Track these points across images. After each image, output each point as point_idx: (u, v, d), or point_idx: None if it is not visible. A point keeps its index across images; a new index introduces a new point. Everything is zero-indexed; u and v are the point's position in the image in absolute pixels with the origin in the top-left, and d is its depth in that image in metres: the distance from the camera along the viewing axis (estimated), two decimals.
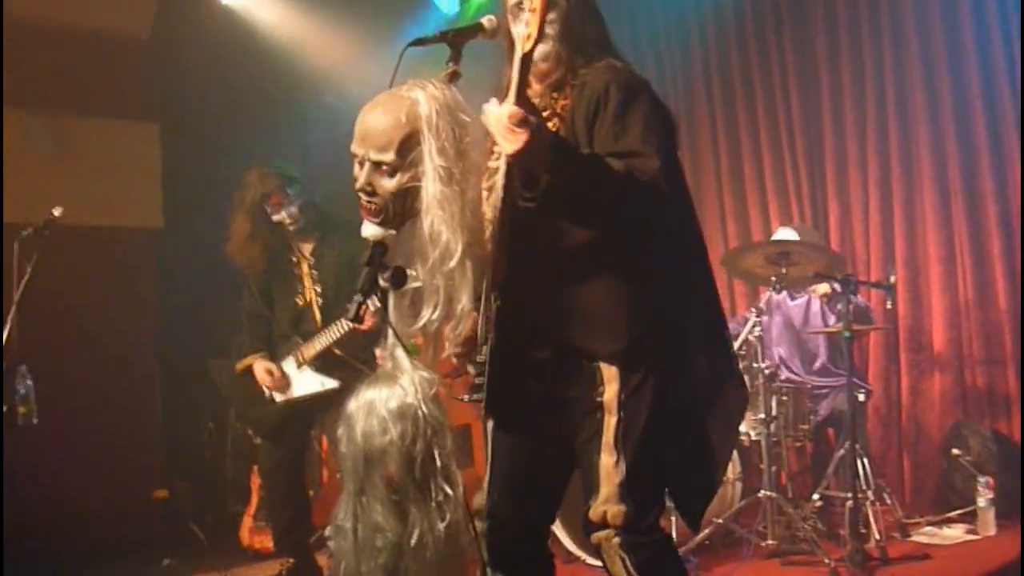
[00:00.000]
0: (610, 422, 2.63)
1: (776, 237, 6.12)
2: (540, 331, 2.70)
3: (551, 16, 2.61)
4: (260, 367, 5.09)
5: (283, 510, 5.19)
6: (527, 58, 2.34)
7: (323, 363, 5.01)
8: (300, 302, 5.13)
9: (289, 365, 5.09)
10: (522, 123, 2.28)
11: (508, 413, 2.77)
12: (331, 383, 4.94)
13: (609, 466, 2.62)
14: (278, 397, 5.08)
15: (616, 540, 2.62)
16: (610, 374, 2.64)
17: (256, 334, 5.22)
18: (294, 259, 5.16)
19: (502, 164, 2.55)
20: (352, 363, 4.85)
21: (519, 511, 2.82)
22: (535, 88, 2.72)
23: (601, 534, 2.65)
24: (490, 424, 2.82)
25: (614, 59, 2.76)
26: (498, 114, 2.31)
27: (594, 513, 2.65)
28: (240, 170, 5.23)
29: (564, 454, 2.81)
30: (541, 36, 2.33)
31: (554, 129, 2.59)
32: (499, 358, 2.62)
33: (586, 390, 2.67)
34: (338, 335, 4.92)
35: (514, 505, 2.80)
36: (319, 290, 5.11)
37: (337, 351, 4.95)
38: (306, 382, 5.04)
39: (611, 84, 2.61)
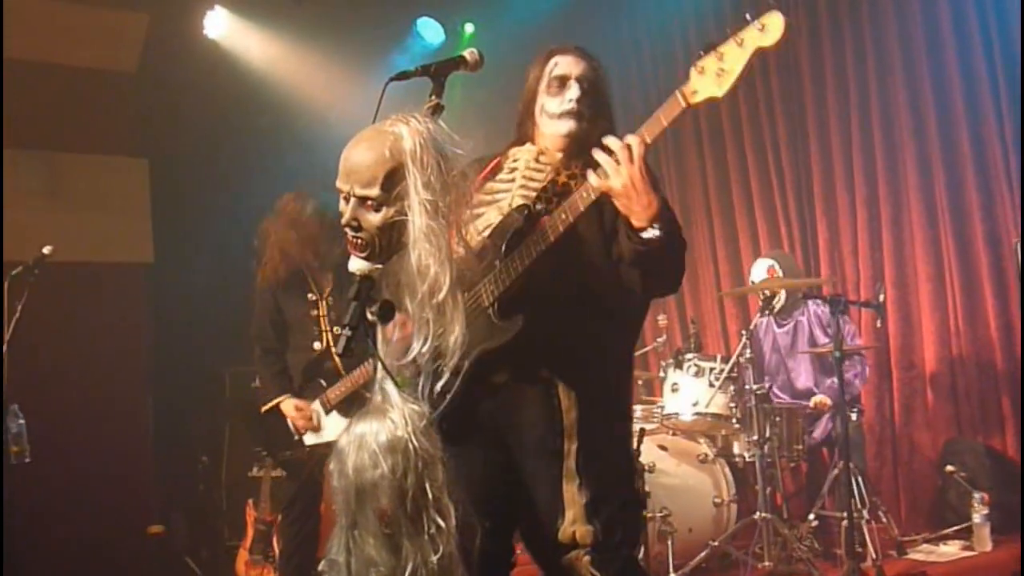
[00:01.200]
0: (571, 448, 2.75)
1: (754, 270, 6.19)
2: (505, 356, 2.79)
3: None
4: (289, 405, 5.01)
5: (295, 536, 5.18)
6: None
7: (346, 404, 4.93)
8: (318, 347, 5.08)
9: (316, 409, 5.03)
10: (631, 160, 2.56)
11: (460, 434, 2.82)
12: None
13: (573, 490, 2.73)
14: (309, 440, 5.03)
15: (587, 559, 2.72)
16: (568, 402, 2.77)
17: (274, 371, 5.13)
18: (312, 297, 5.12)
19: (492, 211, 2.84)
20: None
21: (474, 537, 2.86)
22: (556, 157, 2.95)
23: (572, 555, 2.73)
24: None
25: None
26: (623, 148, 2.57)
27: (563, 535, 2.73)
28: (228, 202, 5.20)
29: (514, 476, 2.90)
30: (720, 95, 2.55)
31: (574, 182, 2.81)
32: (460, 379, 2.77)
33: (544, 417, 2.78)
34: (363, 380, 4.85)
35: (468, 531, 2.84)
36: (337, 333, 5.05)
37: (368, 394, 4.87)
38: (335, 427, 4.96)
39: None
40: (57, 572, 5.98)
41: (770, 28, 2.50)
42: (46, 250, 4.77)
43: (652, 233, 2.60)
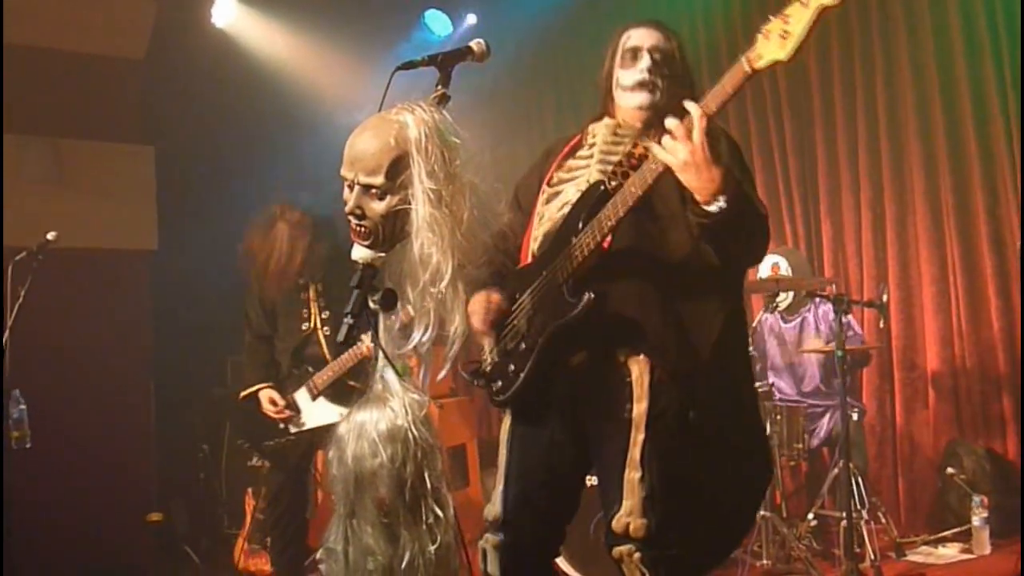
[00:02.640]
0: (637, 438, 2.72)
1: (759, 266, 6.17)
2: (580, 335, 2.77)
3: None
4: (265, 396, 5.06)
5: (284, 531, 5.19)
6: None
7: (334, 391, 4.97)
8: (306, 328, 5.11)
9: (303, 396, 5.05)
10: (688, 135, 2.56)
11: (531, 413, 2.87)
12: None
13: (634, 480, 2.70)
14: (293, 428, 5.05)
15: (637, 556, 2.68)
16: (641, 391, 2.73)
17: (260, 360, 5.19)
18: (302, 282, 5.14)
19: (570, 188, 2.89)
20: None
21: (532, 519, 2.87)
22: (634, 129, 2.97)
23: (623, 548, 2.71)
24: (507, 424, 2.89)
25: None
26: (686, 124, 2.56)
27: (617, 524, 2.71)
28: (234, 191, 5.23)
29: (579, 460, 2.92)
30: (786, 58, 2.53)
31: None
32: (532, 363, 2.78)
33: (616, 402, 2.76)
34: (350, 364, 4.89)
35: (528, 513, 2.86)
36: (326, 316, 5.08)
37: (352, 383, 4.92)
38: (322, 412, 4.98)
39: (723, 135, 2.86)
40: (56, 558, 5.98)
41: None
42: (50, 236, 4.78)
43: (716, 206, 2.57)
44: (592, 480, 3.12)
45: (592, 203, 2.80)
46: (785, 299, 6.05)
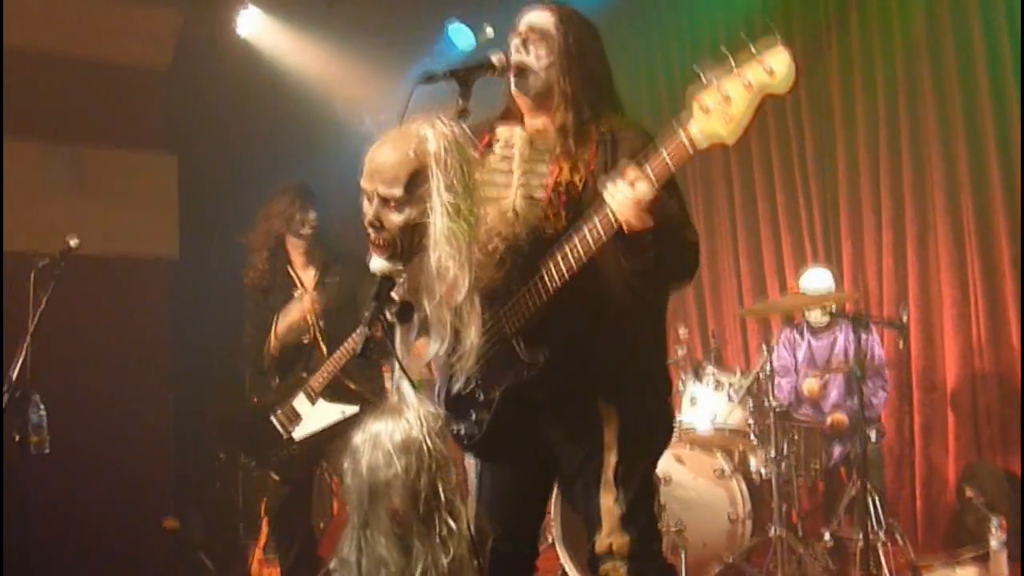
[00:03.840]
0: (610, 460, 2.73)
1: (804, 281, 6.14)
2: (542, 374, 2.73)
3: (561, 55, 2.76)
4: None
5: (291, 545, 5.18)
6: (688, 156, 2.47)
7: (332, 392, 4.97)
8: (306, 340, 5.12)
9: (301, 402, 5.06)
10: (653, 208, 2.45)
11: (499, 451, 2.87)
12: (351, 408, 4.87)
13: (610, 503, 2.72)
14: (297, 435, 5.05)
15: (623, 570, 2.70)
16: (609, 413, 2.74)
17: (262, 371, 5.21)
18: (296, 293, 5.13)
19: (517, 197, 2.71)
20: (363, 394, 4.86)
21: (507, 536, 2.88)
22: (535, 124, 2.84)
23: (608, 565, 2.73)
24: (472, 459, 2.91)
25: (622, 115, 2.87)
26: (634, 198, 2.44)
27: (600, 546, 2.73)
28: (256, 201, 5.25)
29: (546, 482, 2.98)
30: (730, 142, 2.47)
31: (580, 182, 2.70)
32: (493, 410, 2.77)
33: (587, 430, 2.76)
34: (343, 361, 4.88)
35: (503, 531, 2.87)
36: (322, 325, 5.08)
37: (351, 384, 4.93)
38: (323, 414, 4.99)
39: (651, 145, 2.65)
40: (71, 564, 5.99)
41: (778, 73, 2.37)
42: (72, 242, 4.79)
43: (647, 256, 2.58)
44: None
45: (530, 249, 2.70)
46: (819, 316, 6.05)
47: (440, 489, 2.45)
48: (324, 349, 5.03)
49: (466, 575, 2.50)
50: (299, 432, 5.03)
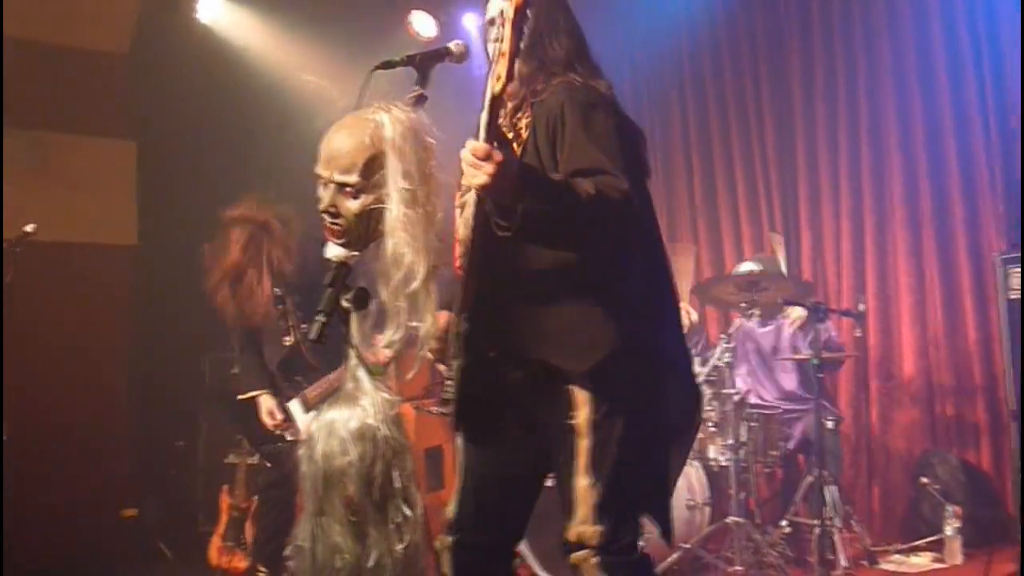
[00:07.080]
0: (583, 445, 2.64)
1: (739, 270, 6.17)
2: (511, 353, 2.70)
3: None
4: (265, 406, 5.02)
5: (272, 523, 5.17)
6: (496, 99, 2.32)
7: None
8: (288, 341, 5.09)
9: (296, 407, 5.02)
10: (487, 158, 2.28)
11: (478, 432, 2.78)
12: None
13: (584, 488, 2.63)
14: (290, 437, 5.03)
15: (594, 561, 2.62)
16: (582, 398, 2.64)
17: (255, 362, 5.13)
18: (278, 292, 5.00)
19: (471, 194, 2.54)
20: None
21: (487, 527, 2.82)
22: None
23: (579, 555, 2.65)
24: (459, 439, 2.84)
25: (575, 74, 2.74)
26: (464, 151, 2.31)
27: (571, 534, 2.65)
28: (215, 188, 5.20)
29: (534, 473, 2.84)
30: (511, 78, 2.32)
31: (518, 151, 2.60)
32: (470, 379, 2.64)
33: (558, 414, 2.67)
34: (341, 382, 4.80)
35: (483, 521, 2.80)
36: (304, 328, 5.02)
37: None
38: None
39: (566, 102, 2.60)
40: (30, 552, 5.94)
41: None
42: (29, 228, 4.76)
43: (515, 218, 2.40)
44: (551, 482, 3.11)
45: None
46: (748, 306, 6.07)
47: (395, 476, 2.45)
48: (307, 353, 4.98)
49: (420, 562, 2.50)
50: (292, 435, 5.01)
